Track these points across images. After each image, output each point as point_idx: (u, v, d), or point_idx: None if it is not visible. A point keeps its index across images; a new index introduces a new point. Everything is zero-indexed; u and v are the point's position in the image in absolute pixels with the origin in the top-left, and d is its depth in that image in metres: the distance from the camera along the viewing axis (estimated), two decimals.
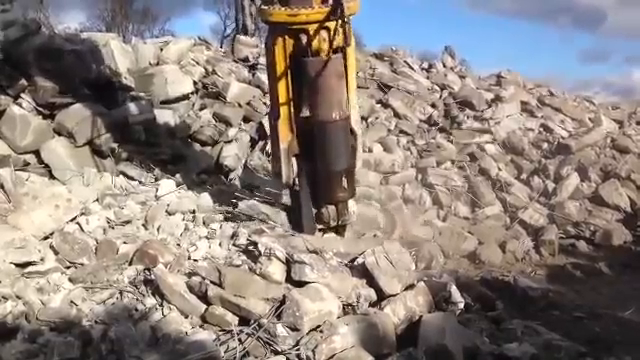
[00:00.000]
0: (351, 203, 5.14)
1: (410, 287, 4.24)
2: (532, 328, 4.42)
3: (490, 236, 8.16)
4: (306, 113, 4.65)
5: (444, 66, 12.29)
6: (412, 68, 11.64)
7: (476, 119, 10.27)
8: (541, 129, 10.47)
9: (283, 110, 4.79)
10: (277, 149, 4.93)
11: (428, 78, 11.50)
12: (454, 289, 4.38)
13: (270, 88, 5.05)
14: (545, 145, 9.95)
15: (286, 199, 5.26)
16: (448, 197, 8.78)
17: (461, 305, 4.35)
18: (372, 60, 11.53)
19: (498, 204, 8.87)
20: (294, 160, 4.93)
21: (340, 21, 4.34)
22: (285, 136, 4.84)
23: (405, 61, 11.77)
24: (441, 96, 10.96)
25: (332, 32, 4.46)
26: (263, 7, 4.57)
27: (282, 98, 4.75)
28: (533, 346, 4.00)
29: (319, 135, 4.70)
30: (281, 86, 4.71)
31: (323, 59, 4.50)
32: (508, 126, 10.21)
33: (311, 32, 4.46)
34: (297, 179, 4.98)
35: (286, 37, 4.57)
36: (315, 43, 4.48)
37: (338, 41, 4.48)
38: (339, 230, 5.19)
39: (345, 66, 4.69)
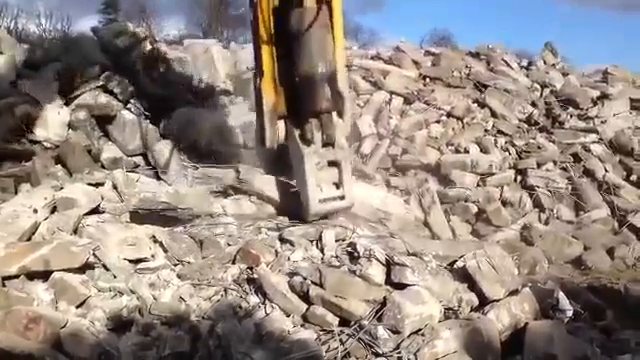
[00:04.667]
0: (339, 122, 4.72)
1: (514, 293, 4.10)
2: None
3: (597, 241, 7.72)
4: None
5: (545, 63, 11.79)
6: (510, 66, 11.26)
7: (580, 118, 9.80)
8: None
9: (267, 68, 4.65)
10: (261, 111, 4.76)
11: (528, 76, 11.08)
12: (562, 296, 4.19)
13: (254, 47, 4.90)
14: None
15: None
16: (550, 200, 8.40)
17: (569, 313, 4.15)
18: (468, 59, 11.26)
19: (605, 207, 8.38)
20: (280, 123, 4.73)
21: None
22: (269, 96, 4.68)
23: (503, 59, 11.40)
24: (542, 94, 10.54)
25: None
26: None
27: (266, 56, 4.63)
28: None
29: (303, 88, 4.52)
30: (264, 43, 4.60)
31: (305, 9, 4.38)
32: (616, 125, 9.64)
33: None
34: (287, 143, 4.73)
35: None
36: None
37: None
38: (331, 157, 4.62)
39: (331, 20, 4.54)
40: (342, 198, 4.57)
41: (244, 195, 5.37)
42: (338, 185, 4.61)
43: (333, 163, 4.59)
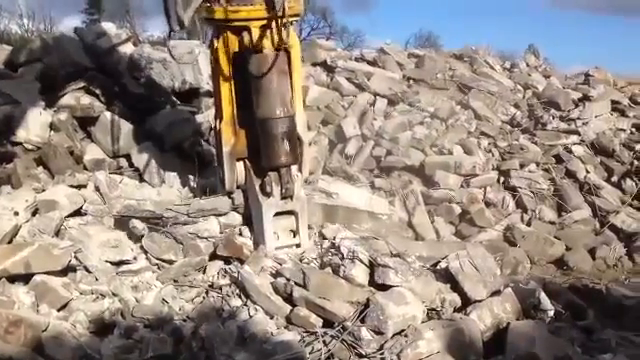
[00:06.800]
0: (298, 175, 4.77)
1: (496, 293, 4.14)
2: (628, 339, 4.22)
3: (578, 241, 7.79)
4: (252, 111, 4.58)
5: (527, 65, 11.89)
6: (493, 68, 11.33)
7: (562, 120, 9.86)
8: (633, 129, 9.91)
9: (226, 111, 4.73)
10: (220, 153, 4.84)
11: (511, 78, 11.15)
12: (543, 296, 4.24)
13: (214, 89, 4.99)
14: (638, 146, 9.39)
15: None
16: (532, 200, 8.46)
17: (551, 313, 4.21)
18: (451, 61, 11.31)
19: (587, 208, 8.45)
20: (239, 165, 4.81)
21: (280, 20, 4.31)
22: (228, 139, 4.76)
23: (486, 61, 11.47)
24: (524, 96, 10.60)
25: (275, 31, 4.39)
26: (205, 5, 4.50)
27: (225, 99, 4.71)
28: (629, 358, 3.82)
29: (262, 142, 4.59)
30: (224, 86, 4.68)
31: (264, 55, 4.43)
32: (597, 126, 9.73)
33: (253, 30, 4.42)
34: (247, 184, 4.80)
35: (229, 34, 4.54)
36: (257, 41, 4.42)
37: (281, 40, 4.45)
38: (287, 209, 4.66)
39: (289, 66, 4.64)
40: (298, 246, 4.63)
41: None
42: (295, 233, 4.67)
43: (290, 212, 4.64)
